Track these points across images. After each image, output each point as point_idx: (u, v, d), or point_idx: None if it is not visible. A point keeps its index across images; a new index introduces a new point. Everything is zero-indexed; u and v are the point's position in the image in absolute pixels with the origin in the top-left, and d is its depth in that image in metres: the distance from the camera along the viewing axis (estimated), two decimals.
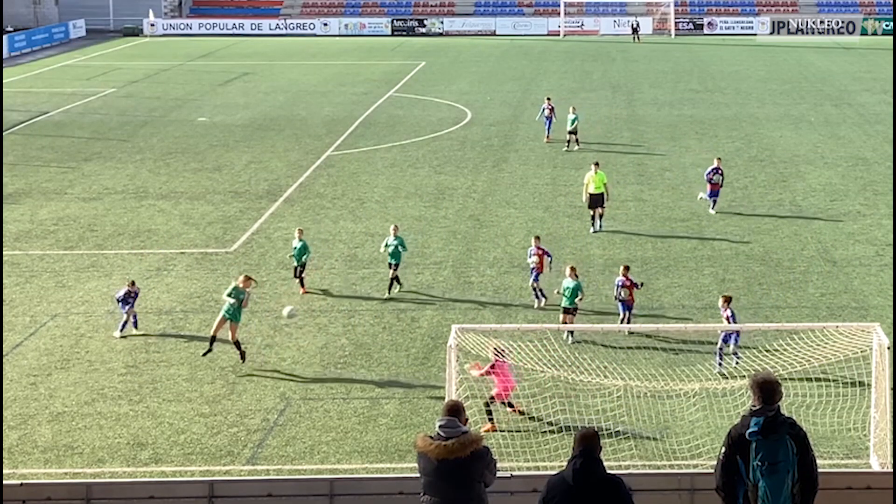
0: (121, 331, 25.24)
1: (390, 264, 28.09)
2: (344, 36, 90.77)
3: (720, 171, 34.98)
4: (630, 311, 25.08)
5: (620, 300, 25.13)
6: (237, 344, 23.50)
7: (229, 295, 23.63)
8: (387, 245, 28.21)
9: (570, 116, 44.69)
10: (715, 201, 34.94)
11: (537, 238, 27.81)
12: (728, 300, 23.38)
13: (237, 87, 63.58)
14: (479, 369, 20.59)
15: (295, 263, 28.41)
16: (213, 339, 23.58)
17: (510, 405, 20.83)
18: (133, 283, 25.73)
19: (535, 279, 27.20)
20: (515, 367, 20.76)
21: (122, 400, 22.03)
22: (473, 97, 58.37)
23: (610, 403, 20.44)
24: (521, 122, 50.59)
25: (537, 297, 27.22)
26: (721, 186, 35.08)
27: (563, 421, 20.35)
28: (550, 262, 27.56)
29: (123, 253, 31.61)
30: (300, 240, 28.25)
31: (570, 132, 44.56)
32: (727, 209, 35.34)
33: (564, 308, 25.02)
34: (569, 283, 24.91)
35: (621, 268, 25.64)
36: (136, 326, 25.47)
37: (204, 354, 23.69)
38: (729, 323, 22.96)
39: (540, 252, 27.19)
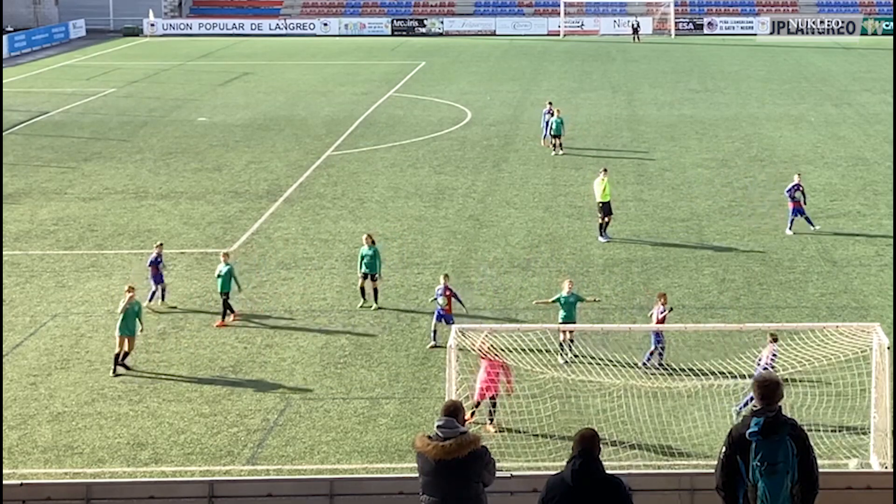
0: (149, 301, 26.70)
1: (366, 275, 26.83)
2: (344, 36, 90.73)
3: (801, 188, 32.67)
4: (661, 343, 22.98)
5: (655, 332, 23.06)
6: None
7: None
8: (363, 256, 26.88)
9: (555, 119, 44.06)
10: (793, 221, 32.50)
11: (446, 276, 25.31)
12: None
13: (237, 87, 63.56)
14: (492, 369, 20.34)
15: (219, 290, 26.03)
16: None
17: (477, 406, 20.63)
18: (160, 245, 27.54)
19: (446, 320, 24.19)
20: (514, 368, 20.77)
21: (122, 400, 22.05)
22: (473, 97, 58.34)
23: (610, 403, 20.44)
24: (521, 122, 50.55)
25: (435, 338, 24.43)
26: (805, 203, 32.68)
27: (563, 421, 20.36)
28: (461, 304, 25.20)
29: (123, 253, 31.61)
30: (226, 264, 26.11)
31: (553, 135, 43.99)
32: (727, 209, 35.37)
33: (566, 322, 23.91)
34: (567, 296, 24.02)
35: (659, 298, 23.67)
36: (160, 298, 27.03)
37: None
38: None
39: (449, 293, 24.65)
